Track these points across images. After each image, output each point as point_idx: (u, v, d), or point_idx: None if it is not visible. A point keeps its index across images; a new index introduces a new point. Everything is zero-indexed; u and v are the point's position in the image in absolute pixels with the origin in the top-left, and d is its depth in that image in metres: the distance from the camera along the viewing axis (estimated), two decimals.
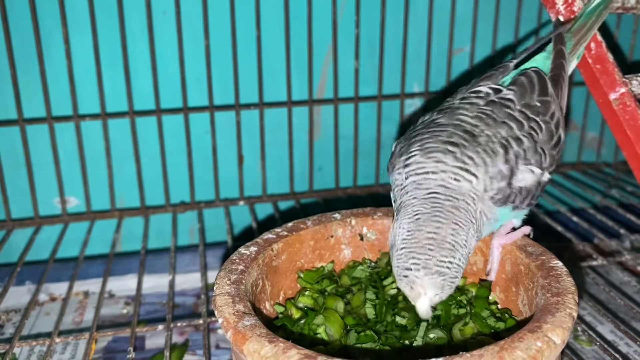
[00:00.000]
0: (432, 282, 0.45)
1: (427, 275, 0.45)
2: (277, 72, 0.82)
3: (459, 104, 0.54)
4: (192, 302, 0.74)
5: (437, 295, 0.46)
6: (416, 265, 0.46)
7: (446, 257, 0.46)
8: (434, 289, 0.46)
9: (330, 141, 0.87)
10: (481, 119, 0.51)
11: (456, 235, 0.46)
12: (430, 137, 0.51)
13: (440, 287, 0.46)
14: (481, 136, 0.50)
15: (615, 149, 0.98)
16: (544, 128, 0.52)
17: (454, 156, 0.49)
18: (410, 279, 0.46)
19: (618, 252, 0.75)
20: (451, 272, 0.46)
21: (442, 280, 0.46)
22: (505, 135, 0.50)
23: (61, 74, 0.76)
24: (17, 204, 0.80)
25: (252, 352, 0.40)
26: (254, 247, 0.54)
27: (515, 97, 0.53)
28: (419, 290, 0.46)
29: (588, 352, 0.63)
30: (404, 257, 0.46)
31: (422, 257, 0.46)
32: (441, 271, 0.45)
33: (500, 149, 0.49)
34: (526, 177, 0.50)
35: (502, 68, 0.57)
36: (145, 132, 0.80)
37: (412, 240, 0.46)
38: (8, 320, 0.71)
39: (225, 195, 0.86)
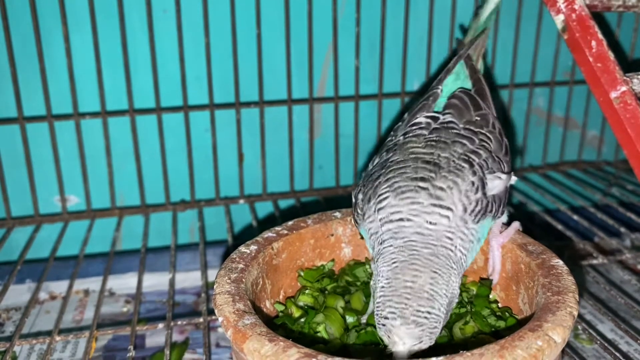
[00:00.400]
0: (409, 333, 0.44)
1: (403, 325, 0.44)
2: (277, 70, 0.82)
3: (405, 140, 0.54)
4: (193, 300, 0.74)
5: (416, 345, 0.44)
6: (393, 314, 0.44)
7: (423, 307, 0.44)
8: (411, 340, 0.44)
9: (331, 139, 0.87)
10: (433, 146, 0.52)
11: (435, 284, 0.45)
12: (396, 176, 0.50)
13: (417, 337, 0.44)
14: (441, 161, 0.50)
15: (616, 148, 0.98)
16: (492, 138, 0.54)
17: (428, 193, 0.48)
18: (387, 327, 0.44)
19: (618, 250, 0.75)
20: (429, 322, 0.44)
21: (420, 330, 0.44)
22: (462, 152, 0.51)
23: (61, 72, 0.76)
24: (17, 202, 0.80)
25: (252, 351, 0.40)
26: (254, 246, 0.54)
27: (455, 119, 0.55)
28: (395, 340, 0.44)
29: (588, 351, 0.63)
30: (381, 306, 0.45)
31: (399, 307, 0.44)
32: (418, 321, 0.44)
33: (465, 164, 0.50)
34: (495, 184, 0.51)
35: (432, 96, 0.59)
36: (146, 130, 0.80)
37: (389, 288, 0.45)
38: (8, 319, 0.71)
39: (225, 194, 0.86)
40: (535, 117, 0.95)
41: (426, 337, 0.44)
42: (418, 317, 0.44)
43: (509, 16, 0.87)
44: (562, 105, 0.94)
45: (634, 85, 0.60)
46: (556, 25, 0.61)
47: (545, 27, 0.88)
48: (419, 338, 0.44)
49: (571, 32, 0.62)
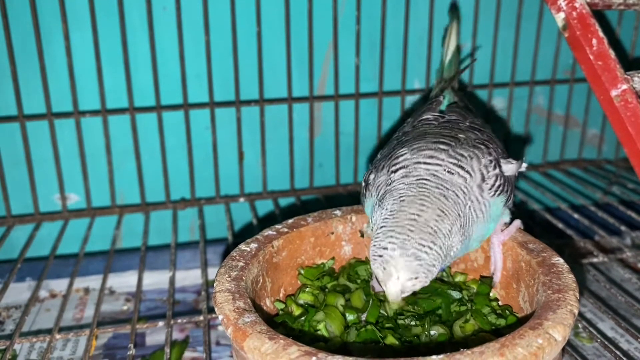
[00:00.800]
0: (407, 265, 0.42)
1: (402, 257, 0.42)
2: (277, 69, 0.82)
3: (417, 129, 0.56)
4: (193, 298, 0.74)
5: (411, 281, 0.43)
6: (392, 245, 0.43)
7: (425, 241, 0.43)
8: (408, 273, 0.42)
9: (331, 138, 0.87)
10: (448, 128, 0.54)
11: (440, 222, 0.44)
12: (415, 142, 0.50)
13: (414, 271, 0.42)
14: (460, 138, 0.52)
15: (616, 146, 0.98)
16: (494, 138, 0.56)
17: (447, 153, 0.49)
18: (385, 258, 0.43)
19: (619, 249, 0.74)
20: (429, 257, 0.43)
21: (418, 264, 0.43)
22: (475, 138, 0.53)
23: (61, 70, 0.76)
24: (18, 201, 0.80)
25: (253, 349, 0.40)
26: (254, 244, 0.53)
27: (460, 118, 0.58)
28: (390, 271, 0.43)
29: (589, 349, 0.63)
30: (381, 236, 0.44)
31: (400, 237, 0.43)
32: (418, 254, 0.43)
33: (482, 146, 0.51)
34: (509, 167, 0.52)
35: (435, 102, 0.63)
36: (146, 128, 0.80)
37: (392, 219, 0.44)
38: (8, 317, 0.70)
39: (225, 192, 0.86)
40: (536, 115, 0.94)
41: (422, 274, 0.43)
42: (419, 250, 0.43)
43: (509, 14, 0.87)
44: (563, 103, 0.94)
45: (635, 84, 0.60)
46: (557, 23, 0.60)
47: (545, 25, 0.88)
48: (415, 272, 0.43)
49: (572, 30, 0.62)
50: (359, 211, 0.60)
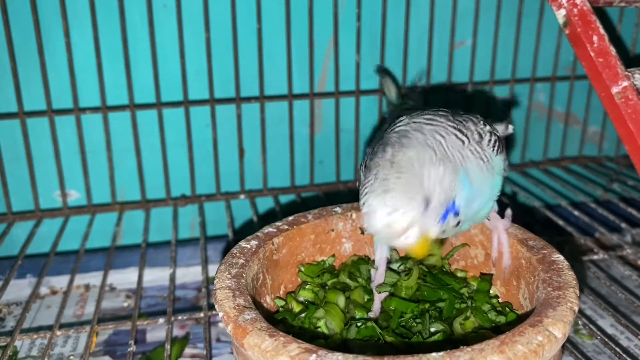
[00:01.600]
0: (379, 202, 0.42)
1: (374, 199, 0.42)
2: (278, 65, 0.82)
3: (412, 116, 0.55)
4: (193, 295, 0.74)
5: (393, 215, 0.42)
6: (366, 196, 0.43)
7: (390, 174, 0.43)
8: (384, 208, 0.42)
9: (331, 135, 0.87)
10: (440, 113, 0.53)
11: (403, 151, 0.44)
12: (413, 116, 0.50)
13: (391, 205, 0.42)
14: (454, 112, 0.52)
15: (617, 143, 0.98)
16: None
17: (447, 117, 0.49)
18: (365, 211, 0.43)
19: (619, 246, 0.74)
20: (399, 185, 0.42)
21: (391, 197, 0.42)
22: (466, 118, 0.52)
23: (61, 67, 0.75)
24: (18, 197, 0.80)
25: (253, 346, 0.40)
26: (254, 241, 0.54)
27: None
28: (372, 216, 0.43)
29: (589, 346, 0.63)
30: (362, 190, 0.44)
31: (369, 183, 0.43)
32: (386, 189, 0.42)
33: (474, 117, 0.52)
34: (499, 127, 0.53)
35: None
36: (146, 125, 0.80)
37: (363, 178, 0.45)
38: (9, 314, 0.71)
39: (226, 189, 0.86)
40: (536, 112, 0.94)
41: (399, 202, 0.42)
42: (385, 185, 0.42)
43: (510, 11, 0.87)
44: (563, 100, 0.94)
45: (636, 81, 0.60)
46: (557, 20, 0.60)
47: (546, 22, 0.88)
48: (391, 206, 0.42)
49: (573, 27, 0.62)
50: (359, 208, 0.59)
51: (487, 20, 0.86)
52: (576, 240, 0.74)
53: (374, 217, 0.43)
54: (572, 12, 0.61)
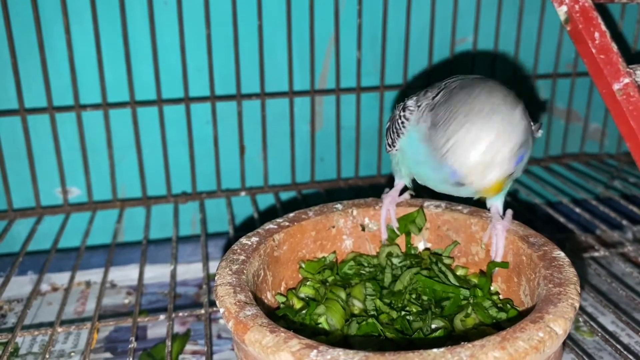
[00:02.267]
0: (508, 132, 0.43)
1: (482, 131, 0.43)
2: (278, 62, 0.82)
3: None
4: (194, 292, 0.74)
5: (506, 148, 0.43)
6: (486, 120, 0.44)
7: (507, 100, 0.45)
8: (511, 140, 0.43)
9: (332, 132, 0.87)
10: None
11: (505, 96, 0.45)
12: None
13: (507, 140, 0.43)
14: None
15: (618, 140, 0.98)
16: None
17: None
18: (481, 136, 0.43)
19: (620, 243, 0.74)
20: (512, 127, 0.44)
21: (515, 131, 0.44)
22: None
23: (62, 64, 0.75)
24: (19, 194, 0.80)
25: (254, 342, 0.40)
26: (255, 238, 0.54)
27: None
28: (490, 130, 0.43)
29: (589, 343, 0.63)
30: (455, 122, 0.45)
31: (502, 111, 0.44)
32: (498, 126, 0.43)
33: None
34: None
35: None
36: (147, 122, 0.80)
37: (461, 104, 0.45)
38: (10, 310, 0.71)
39: (226, 186, 0.86)
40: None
41: (514, 145, 0.44)
42: (511, 124, 0.44)
43: (511, 8, 0.87)
44: (565, 97, 0.94)
45: (637, 77, 0.60)
46: (559, 16, 0.60)
47: (547, 18, 0.88)
48: (508, 140, 0.44)
49: (574, 23, 0.62)
50: (360, 205, 0.60)
51: (488, 17, 0.86)
52: (577, 237, 0.74)
53: (487, 143, 0.43)
54: (573, 9, 0.61)
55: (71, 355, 0.62)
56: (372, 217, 0.59)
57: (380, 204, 0.59)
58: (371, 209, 0.59)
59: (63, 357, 0.62)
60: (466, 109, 0.44)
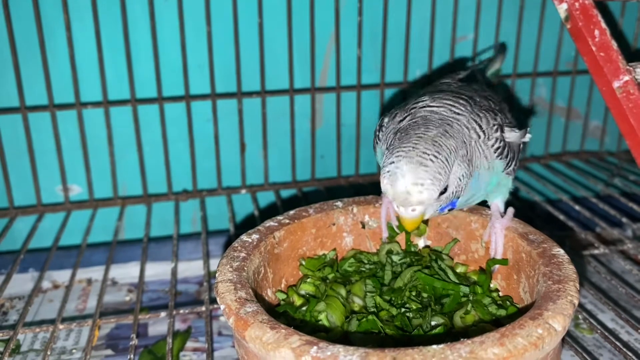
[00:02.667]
0: (412, 169, 0.44)
1: (407, 164, 0.44)
2: (279, 60, 0.82)
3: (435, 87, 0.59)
4: (195, 289, 0.74)
5: (416, 187, 0.44)
6: (398, 158, 0.45)
7: (430, 151, 0.45)
8: (413, 177, 0.44)
9: (333, 129, 0.87)
10: (465, 88, 0.56)
11: (445, 139, 0.46)
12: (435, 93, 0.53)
13: (419, 177, 0.44)
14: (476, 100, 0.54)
15: (619, 138, 0.98)
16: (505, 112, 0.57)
17: (466, 108, 0.51)
18: (391, 171, 0.45)
19: (620, 240, 0.75)
20: (434, 165, 0.44)
21: (424, 170, 0.44)
22: (487, 104, 0.54)
23: (63, 61, 0.76)
24: (20, 192, 0.80)
25: (254, 338, 0.40)
26: (255, 235, 0.54)
27: (479, 87, 0.59)
28: (396, 177, 0.44)
29: (589, 340, 0.63)
30: (388, 156, 0.46)
31: (405, 149, 0.45)
32: (422, 162, 0.44)
33: (491, 112, 0.53)
34: (511, 135, 0.53)
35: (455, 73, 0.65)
36: (147, 120, 0.80)
37: (398, 141, 0.47)
38: (12, 307, 0.71)
39: (227, 184, 0.87)
40: (538, 107, 0.94)
41: (428, 180, 0.44)
42: (423, 158, 0.45)
43: (511, 6, 0.87)
44: (565, 95, 0.94)
45: (637, 75, 0.60)
46: (559, 14, 0.60)
47: (547, 16, 0.88)
48: (420, 178, 0.44)
49: (574, 21, 0.62)
50: (361, 202, 0.60)
51: (488, 14, 0.86)
52: (577, 234, 0.74)
53: (400, 179, 0.45)
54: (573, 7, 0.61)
55: (72, 353, 0.62)
56: (372, 214, 0.59)
57: (381, 201, 0.59)
58: (371, 207, 0.59)
59: (64, 354, 0.62)
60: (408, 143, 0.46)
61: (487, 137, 0.51)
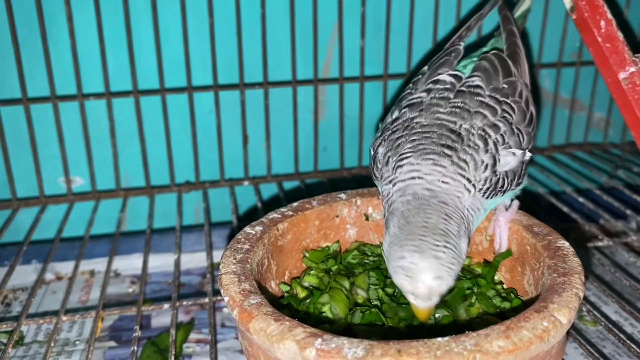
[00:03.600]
0: (429, 265, 0.43)
1: (422, 260, 0.43)
2: (281, 51, 0.81)
3: (430, 100, 0.54)
4: (198, 281, 0.74)
5: (436, 281, 0.44)
6: (410, 252, 0.44)
7: (439, 242, 0.44)
8: (432, 272, 0.43)
9: (335, 121, 0.86)
10: (456, 114, 0.52)
11: (447, 224, 0.46)
12: (421, 139, 0.50)
13: (437, 270, 0.43)
14: (462, 132, 0.50)
15: (623, 130, 0.98)
16: (516, 109, 0.53)
17: (451, 160, 0.49)
18: (406, 266, 0.44)
19: (624, 233, 0.74)
20: (446, 256, 0.44)
21: (439, 263, 0.44)
22: (481, 126, 0.51)
23: (65, 53, 0.75)
24: (23, 184, 0.80)
25: (258, 330, 0.40)
26: (259, 227, 0.54)
27: (483, 83, 0.54)
28: (415, 275, 0.44)
29: (592, 332, 0.63)
30: (396, 248, 0.45)
31: (416, 243, 0.44)
32: (436, 254, 0.44)
33: (480, 141, 0.50)
34: (508, 160, 0.51)
35: (454, 52, 0.59)
36: (150, 111, 0.80)
37: (403, 232, 0.45)
38: (15, 299, 0.71)
39: (230, 175, 0.86)
40: (542, 99, 0.94)
41: (445, 271, 0.44)
42: (435, 251, 0.44)
43: None
44: (569, 87, 0.93)
45: None
46: (564, 4, 0.60)
47: (552, 7, 0.87)
48: (438, 271, 0.44)
49: (580, 11, 0.61)
50: (364, 194, 0.59)
51: None
52: (581, 227, 0.74)
53: (419, 276, 0.44)
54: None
55: (76, 344, 0.62)
56: (375, 206, 0.59)
57: None
58: (375, 199, 0.59)
59: (68, 345, 0.62)
60: (407, 240, 0.45)
61: (476, 189, 0.49)
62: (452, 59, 0.59)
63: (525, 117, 0.54)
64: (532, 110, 0.55)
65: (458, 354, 0.37)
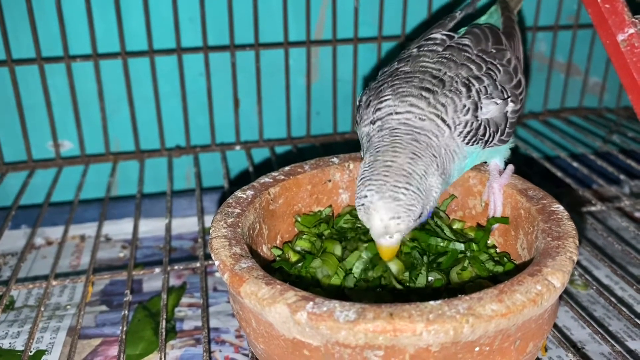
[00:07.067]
0: (386, 206, 0.45)
1: (380, 200, 0.45)
2: (273, 11, 0.79)
3: (419, 52, 0.55)
4: (190, 245, 0.74)
5: (393, 220, 0.45)
6: (370, 192, 0.46)
7: (400, 183, 0.45)
8: (388, 213, 0.45)
9: (329, 84, 0.85)
10: (443, 63, 0.53)
11: (414, 164, 0.46)
12: (402, 84, 0.52)
13: (394, 211, 0.45)
14: (445, 79, 0.51)
15: (618, 95, 0.97)
16: (501, 70, 0.54)
17: (428, 102, 0.50)
18: (366, 205, 0.46)
19: (617, 197, 0.74)
20: (406, 198, 0.45)
21: (397, 204, 0.45)
22: (466, 76, 0.52)
23: (50, 13, 0.73)
24: (10, 148, 0.79)
25: (250, 294, 0.40)
26: (250, 191, 0.53)
27: (471, 44, 0.55)
28: (372, 214, 0.45)
29: (583, 296, 0.63)
30: (361, 187, 0.47)
31: (377, 183, 0.46)
32: (395, 196, 0.45)
33: (463, 88, 0.51)
34: (490, 108, 0.51)
35: (449, 18, 0.61)
36: (138, 73, 0.78)
37: (369, 170, 0.47)
38: (5, 264, 0.70)
39: (221, 140, 0.85)
40: (537, 62, 0.93)
41: (403, 212, 0.45)
42: (395, 192, 0.45)
43: None
44: (565, 50, 0.92)
45: None
46: None
47: None
48: (395, 212, 0.45)
49: None
50: (357, 159, 0.59)
51: None
52: (574, 191, 0.74)
53: (374, 215, 0.45)
54: None
55: (67, 309, 0.62)
56: None
57: None
58: None
59: (59, 310, 0.62)
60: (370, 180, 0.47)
61: (454, 128, 0.49)
62: (446, 22, 0.60)
63: (512, 80, 0.54)
64: (520, 78, 0.55)
65: (451, 317, 0.37)
